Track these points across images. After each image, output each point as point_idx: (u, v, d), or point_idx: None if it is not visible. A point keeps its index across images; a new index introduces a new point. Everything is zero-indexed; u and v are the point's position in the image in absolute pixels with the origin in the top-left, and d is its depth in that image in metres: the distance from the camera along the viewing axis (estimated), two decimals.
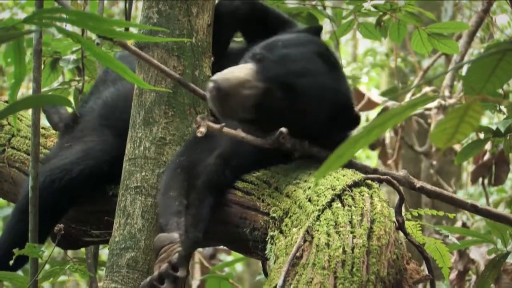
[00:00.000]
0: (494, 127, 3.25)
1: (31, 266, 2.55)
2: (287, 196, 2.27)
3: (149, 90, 2.60)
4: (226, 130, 2.23)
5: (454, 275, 3.97)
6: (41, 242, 2.60)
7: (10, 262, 2.47)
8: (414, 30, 3.36)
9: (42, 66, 3.41)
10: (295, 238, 2.09)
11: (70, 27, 2.88)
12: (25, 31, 1.84)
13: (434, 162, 6.03)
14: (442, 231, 2.76)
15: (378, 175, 2.26)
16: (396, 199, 2.27)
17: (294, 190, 2.26)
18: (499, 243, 2.99)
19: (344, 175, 2.23)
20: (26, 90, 7.15)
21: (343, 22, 3.64)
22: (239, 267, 8.01)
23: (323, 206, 2.11)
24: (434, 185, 2.57)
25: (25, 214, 2.61)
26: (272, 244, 2.21)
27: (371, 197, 2.14)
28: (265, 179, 2.39)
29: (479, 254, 3.79)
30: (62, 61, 3.55)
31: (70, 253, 3.73)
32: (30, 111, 2.76)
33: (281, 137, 2.30)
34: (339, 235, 2.01)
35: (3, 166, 3.01)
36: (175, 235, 2.29)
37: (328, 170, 1.27)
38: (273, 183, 2.35)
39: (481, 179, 4.36)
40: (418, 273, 2.08)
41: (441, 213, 2.65)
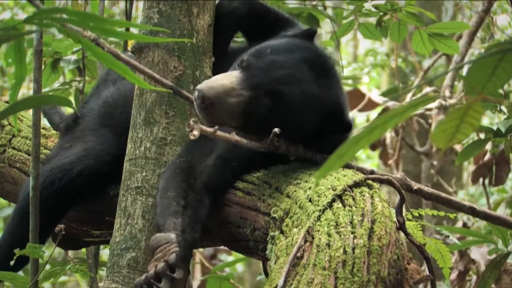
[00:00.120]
0: (495, 127, 3.25)
1: (32, 266, 2.55)
2: (288, 196, 2.26)
3: (149, 90, 2.60)
4: (219, 133, 2.21)
5: (454, 275, 3.96)
6: (41, 242, 2.60)
7: (11, 263, 2.47)
8: (414, 30, 3.36)
9: (43, 67, 3.42)
10: (296, 238, 2.09)
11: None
12: (25, 32, 1.84)
13: (435, 162, 6.03)
14: (443, 231, 2.76)
15: (378, 176, 2.26)
16: (396, 199, 2.27)
17: (295, 190, 2.26)
18: (500, 243, 2.98)
19: (344, 175, 2.23)
20: (26, 90, 7.16)
21: (344, 22, 3.64)
22: (240, 268, 8.00)
23: (324, 206, 2.11)
24: (434, 185, 2.57)
25: (25, 215, 2.61)
26: (272, 244, 2.21)
27: (372, 197, 2.14)
28: (265, 179, 2.39)
29: (480, 254, 3.79)
30: (62, 61, 3.56)
31: (71, 253, 3.73)
32: (30, 112, 2.76)
33: (275, 140, 2.30)
34: (340, 236, 2.01)
35: (4, 167, 3.01)
36: (172, 235, 2.28)
37: (328, 170, 1.26)
38: (273, 183, 2.35)
39: (481, 179, 4.35)
40: (418, 273, 2.08)
41: (441, 213, 2.65)
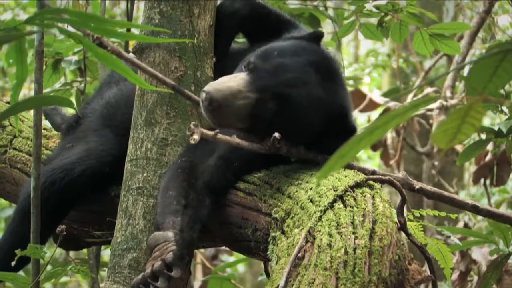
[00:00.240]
0: (496, 128, 3.24)
1: (33, 267, 2.54)
2: (289, 196, 2.26)
3: (151, 91, 2.60)
4: (220, 136, 2.22)
5: (456, 276, 3.96)
6: (42, 242, 2.59)
7: (12, 263, 2.47)
8: (415, 30, 3.36)
9: (44, 67, 3.42)
10: (297, 238, 2.09)
11: (71, 28, 2.88)
12: (26, 32, 1.84)
13: (436, 163, 6.03)
14: (444, 232, 2.75)
15: (380, 176, 2.26)
16: (397, 200, 2.27)
17: (296, 191, 2.25)
18: (501, 244, 2.98)
19: (346, 176, 2.23)
20: (28, 91, 7.16)
21: (345, 22, 3.64)
22: (241, 268, 8.00)
23: (325, 206, 2.11)
24: (435, 186, 2.57)
25: (26, 215, 2.61)
26: (274, 244, 2.21)
27: (373, 197, 2.14)
28: (266, 180, 2.39)
29: (481, 254, 3.79)
30: (64, 62, 3.56)
31: (72, 254, 3.73)
32: (32, 112, 2.76)
33: (276, 142, 2.30)
34: (341, 236, 2.01)
35: (5, 167, 3.01)
36: (170, 234, 2.29)
37: (330, 170, 1.26)
38: (274, 184, 2.35)
39: (483, 180, 4.35)
40: (420, 273, 2.08)
41: (443, 213, 2.65)
